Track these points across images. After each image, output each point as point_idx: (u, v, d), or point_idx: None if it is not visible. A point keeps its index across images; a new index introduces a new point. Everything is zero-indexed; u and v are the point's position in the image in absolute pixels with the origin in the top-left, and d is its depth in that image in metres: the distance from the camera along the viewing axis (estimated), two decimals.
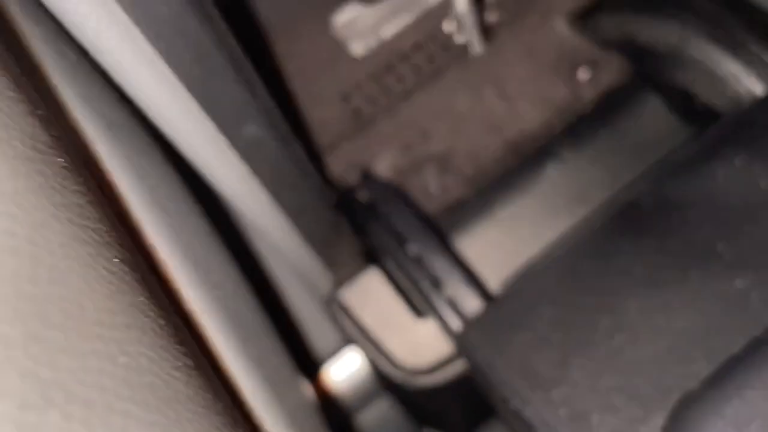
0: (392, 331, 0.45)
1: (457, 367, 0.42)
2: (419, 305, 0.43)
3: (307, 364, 0.48)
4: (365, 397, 0.49)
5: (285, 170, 0.34)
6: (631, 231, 0.36)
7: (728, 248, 0.33)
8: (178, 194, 0.31)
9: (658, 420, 0.30)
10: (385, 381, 0.47)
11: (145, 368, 0.17)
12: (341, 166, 0.49)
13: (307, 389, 0.40)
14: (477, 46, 0.47)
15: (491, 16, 0.52)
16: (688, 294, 0.33)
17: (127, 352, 0.16)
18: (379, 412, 0.53)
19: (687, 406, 0.27)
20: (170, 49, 0.24)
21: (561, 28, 0.50)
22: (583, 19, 0.48)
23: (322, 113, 0.51)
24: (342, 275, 0.46)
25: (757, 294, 0.31)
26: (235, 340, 0.26)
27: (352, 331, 0.45)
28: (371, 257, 0.46)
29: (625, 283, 0.35)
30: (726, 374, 0.27)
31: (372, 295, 0.46)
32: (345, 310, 0.46)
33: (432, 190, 0.48)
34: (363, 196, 0.46)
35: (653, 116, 0.46)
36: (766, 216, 0.33)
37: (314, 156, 0.49)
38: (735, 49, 0.39)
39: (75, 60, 0.26)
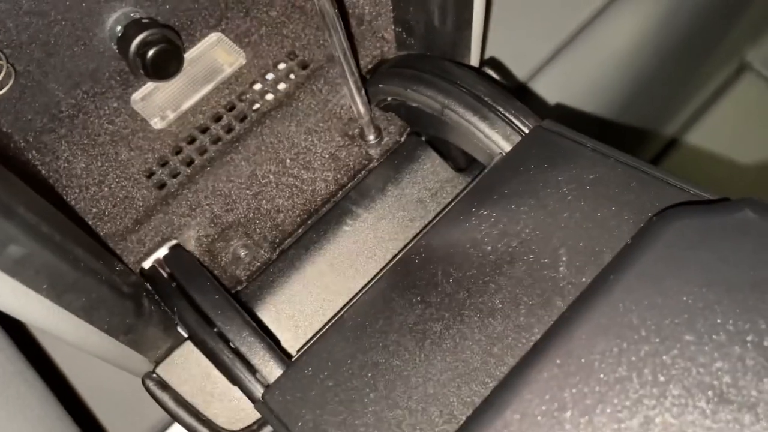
0: (212, 400, 0.47)
1: None
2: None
3: None
4: None
5: (64, 275, 0.35)
6: (405, 286, 0.40)
7: (481, 299, 0.38)
8: None
9: None
10: None
11: None
12: (149, 243, 0.50)
13: None
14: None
15: (283, 85, 0.55)
16: (448, 344, 0.37)
17: None
18: None
19: None
20: None
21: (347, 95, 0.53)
22: (365, 86, 0.52)
23: (127, 192, 0.52)
24: (158, 353, 0.48)
25: (505, 341, 0.36)
26: None
27: (170, 406, 0.47)
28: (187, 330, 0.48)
29: (400, 338, 0.38)
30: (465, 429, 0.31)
31: (189, 369, 0.47)
32: (163, 387, 0.47)
33: (241, 256, 0.50)
34: (168, 272, 0.47)
35: (431, 170, 0.50)
36: (511, 268, 0.38)
37: (113, 240, 0.49)
38: (484, 112, 0.44)
39: None
